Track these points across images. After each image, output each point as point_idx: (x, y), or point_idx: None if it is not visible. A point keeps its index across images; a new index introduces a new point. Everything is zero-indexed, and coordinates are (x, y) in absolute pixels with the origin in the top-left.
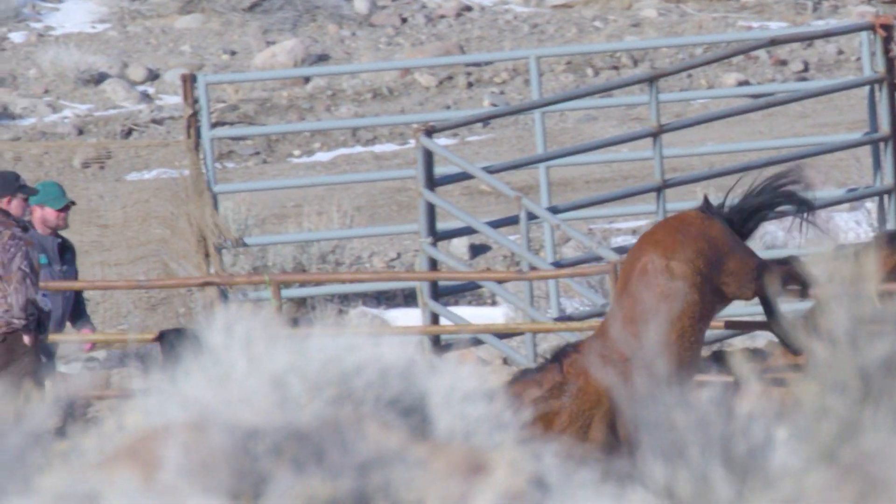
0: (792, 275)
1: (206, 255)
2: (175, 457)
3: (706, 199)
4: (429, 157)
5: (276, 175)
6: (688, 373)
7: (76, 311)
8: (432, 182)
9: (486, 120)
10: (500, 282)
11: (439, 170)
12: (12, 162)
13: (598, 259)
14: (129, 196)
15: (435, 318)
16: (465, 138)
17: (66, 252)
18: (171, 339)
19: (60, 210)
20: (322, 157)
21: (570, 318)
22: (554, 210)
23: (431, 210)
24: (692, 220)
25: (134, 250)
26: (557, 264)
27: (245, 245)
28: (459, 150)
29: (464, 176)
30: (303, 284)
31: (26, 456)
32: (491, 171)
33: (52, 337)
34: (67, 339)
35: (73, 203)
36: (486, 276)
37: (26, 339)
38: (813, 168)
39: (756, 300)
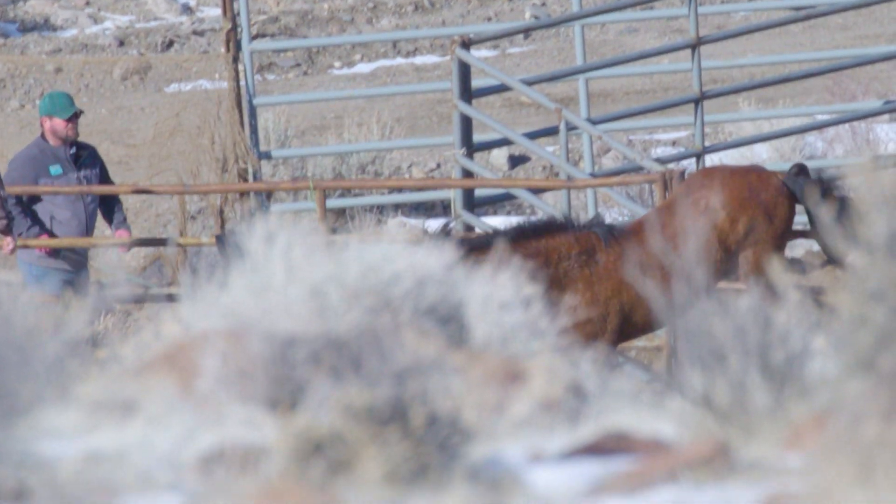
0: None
1: (224, 171)
2: (213, 365)
3: (799, 170)
4: (465, 69)
5: (316, 87)
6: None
7: (109, 214)
8: (469, 94)
9: (525, 32)
10: (538, 190)
11: (478, 82)
12: (53, 74)
13: (639, 170)
14: (167, 108)
15: (470, 229)
16: (505, 50)
17: (83, 158)
18: (229, 241)
19: (68, 120)
20: (362, 68)
21: None
22: (592, 122)
23: (466, 122)
24: (771, 189)
25: (155, 166)
26: (595, 175)
27: (281, 156)
28: (499, 63)
29: (502, 88)
30: (342, 195)
31: (64, 364)
32: (530, 82)
33: (92, 240)
34: (104, 243)
35: (81, 112)
36: (522, 183)
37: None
38: (853, 78)
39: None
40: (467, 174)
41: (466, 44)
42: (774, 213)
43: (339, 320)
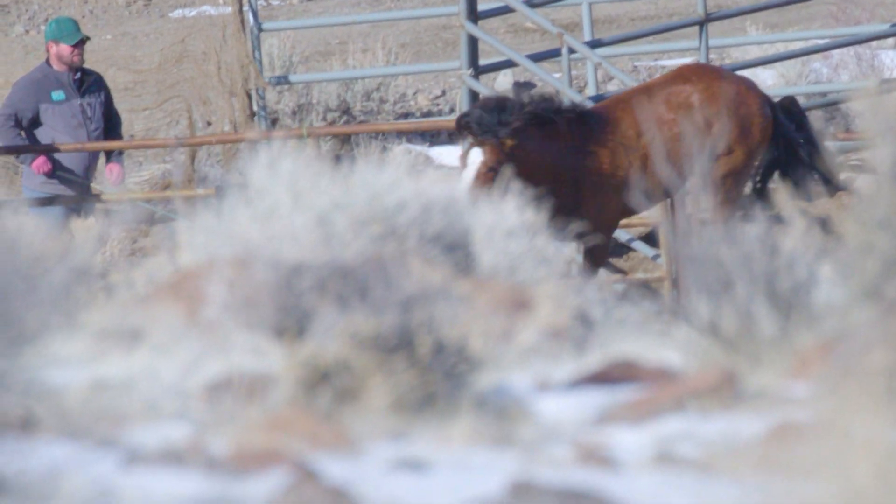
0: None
1: (232, 96)
2: (219, 293)
3: (790, 103)
4: None
5: (320, 13)
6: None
7: (110, 133)
8: (475, 15)
9: None
10: None
11: (484, 5)
12: (58, 0)
13: None
14: (172, 34)
15: None
16: None
17: (87, 84)
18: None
19: (74, 45)
20: None
21: None
22: (596, 44)
23: (473, 43)
24: (754, 105)
25: (164, 93)
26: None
27: (285, 83)
28: None
29: (506, 10)
30: (347, 121)
31: (70, 292)
32: (534, 5)
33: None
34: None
35: (87, 38)
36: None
37: None
38: (858, 4)
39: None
40: (474, 96)
41: None
42: (751, 129)
43: (345, 248)
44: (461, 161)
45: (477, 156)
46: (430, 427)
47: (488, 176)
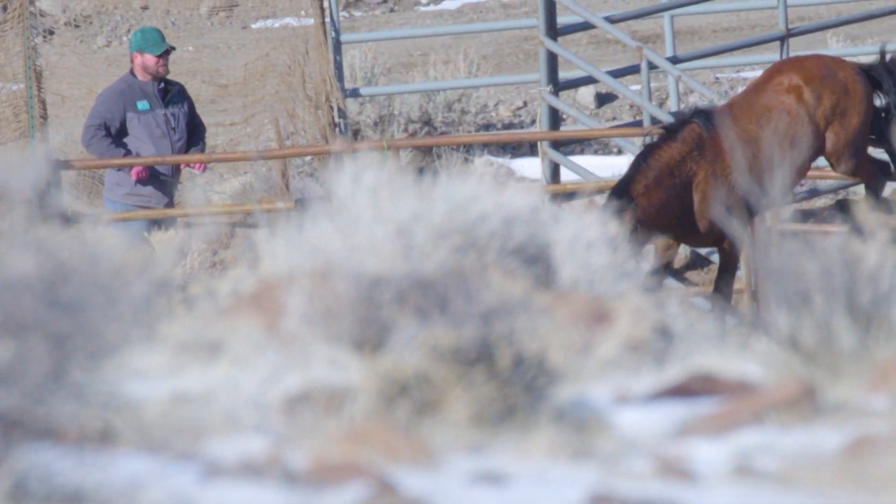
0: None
1: (317, 109)
2: (298, 305)
3: (883, 61)
4: (551, 5)
5: (402, 24)
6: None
7: (193, 142)
8: (555, 31)
9: None
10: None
11: (564, 19)
12: (140, 11)
13: None
14: (253, 46)
15: (556, 168)
16: None
17: (170, 95)
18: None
19: (159, 56)
20: (449, 5)
21: None
22: (675, 60)
23: (553, 59)
24: (847, 68)
25: (249, 108)
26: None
27: (366, 94)
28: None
29: (587, 25)
30: (429, 132)
31: (150, 305)
32: (615, 20)
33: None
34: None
35: (172, 49)
36: (605, 132)
37: None
38: None
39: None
40: (553, 111)
41: None
42: (854, 89)
43: (425, 260)
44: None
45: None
46: (509, 440)
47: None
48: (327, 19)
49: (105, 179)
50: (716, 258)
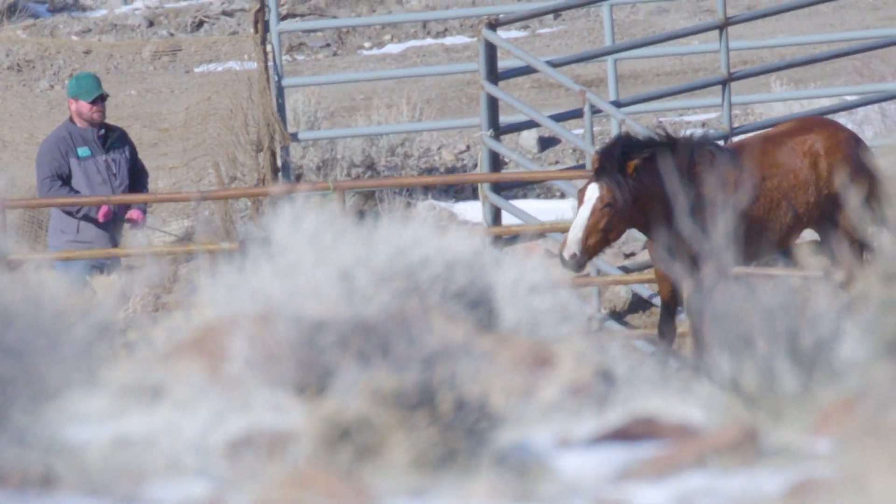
0: None
1: (259, 152)
2: (241, 349)
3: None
4: (491, 49)
5: (346, 68)
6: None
7: (136, 190)
8: (496, 75)
9: (555, 12)
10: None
11: (507, 63)
12: (82, 55)
13: None
14: (196, 90)
15: (497, 211)
16: (535, 31)
17: (111, 140)
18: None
19: (93, 103)
20: (392, 49)
21: None
22: (617, 104)
23: (494, 103)
24: (865, 151)
25: (190, 152)
26: None
27: (310, 139)
28: (529, 43)
29: (529, 69)
30: (371, 176)
31: (92, 348)
32: (558, 64)
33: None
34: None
35: (106, 95)
36: (548, 175)
37: None
38: (883, 59)
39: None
40: (494, 156)
41: (493, 24)
42: (869, 174)
43: (367, 304)
44: (578, 197)
45: (594, 192)
46: (451, 484)
47: (604, 212)
48: (270, 63)
49: (49, 225)
50: (657, 301)
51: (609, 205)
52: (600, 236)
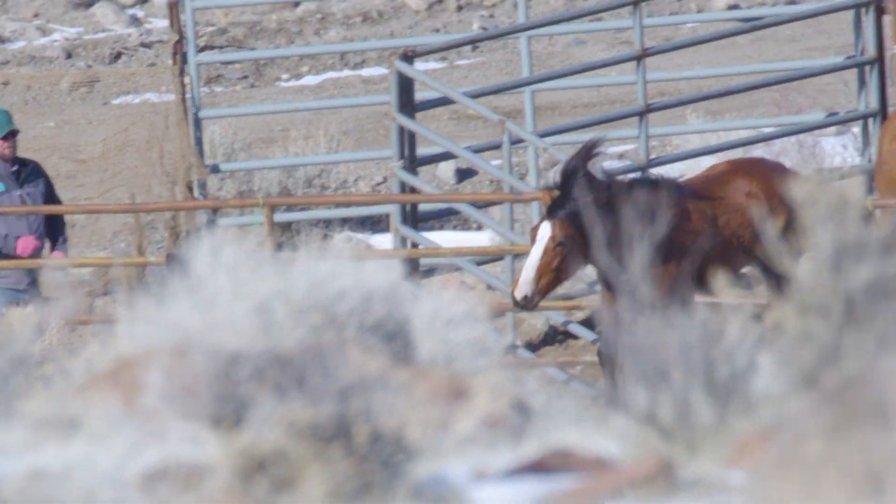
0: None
1: (174, 185)
2: (157, 382)
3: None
4: (408, 81)
5: (263, 99)
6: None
7: (52, 233)
8: (411, 107)
9: (472, 44)
10: (483, 204)
11: (424, 94)
12: (1, 87)
13: None
14: (114, 122)
15: (411, 244)
16: (453, 62)
17: (25, 175)
18: (179, 260)
19: (3, 138)
20: (310, 80)
21: None
22: (536, 135)
23: (411, 135)
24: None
25: (107, 183)
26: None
27: (226, 170)
28: (447, 74)
29: (447, 100)
30: (288, 209)
31: (8, 381)
32: (475, 95)
33: (31, 263)
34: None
35: (16, 130)
36: (468, 197)
37: None
38: (800, 91)
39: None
40: (405, 188)
41: (410, 56)
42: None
43: (284, 337)
44: (531, 236)
45: (546, 230)
46: None
47: (557, 251)
48: (188, 95)
49: None
50: (575, 328)
51: (561, 244)
52: (552, 276)
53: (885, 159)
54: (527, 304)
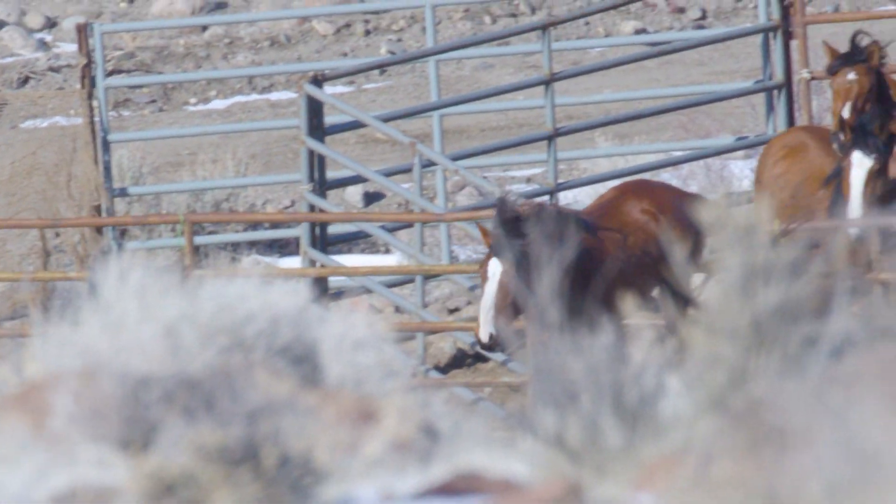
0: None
1: (81, 209)
2: (65, 405)
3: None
4: (316, 105)
5: (171, 123)
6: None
7: None
8: (321, 130)
9: (378, 68)
10: (392, 228)
11: (333, 118)
12: None
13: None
14: (22, 145)
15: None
16: (361, 86)
17: None
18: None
19: None
20: (218, 104)
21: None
22: (447, 157)
23: (320, 159)
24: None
25: (14, 206)
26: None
27: (134, 194)
28: (355, 99)
29: (356, 124)
30: (196, 232)
31: None
32: (384, 119)
33: None
34: None
35: None
36: (377, 216)
37: None
38: (708, 114)
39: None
40: (314, 211)
41: (318, 80)
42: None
43: (192, 360)
44: (481, 274)
45: (497, 266)
46: None
47: (514, 281)
48: (97, 118)
49: None
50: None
51: (516, 274)
52: (511, 310)
53: (766, 185)
54: (494, 344)
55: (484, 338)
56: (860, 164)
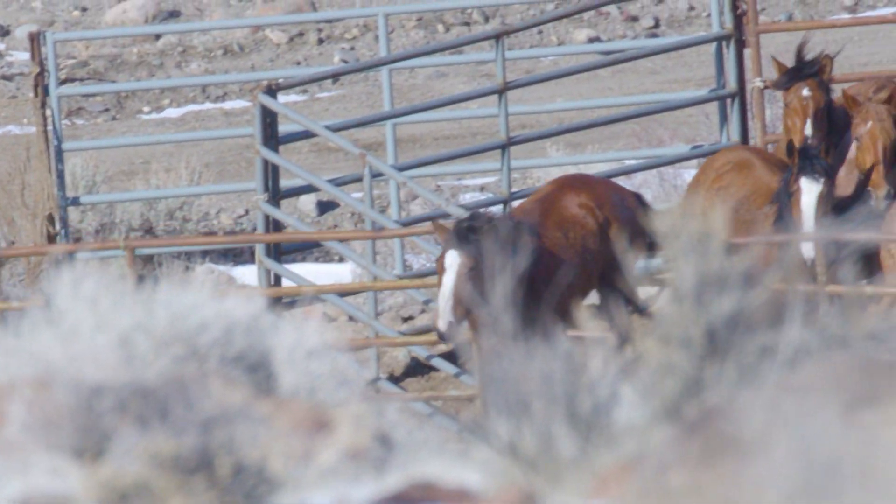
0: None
1: (35, 218)
2: (19, 413)
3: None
4: (270, 114)
5: (125, 132)
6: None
7: None
8: (275, 139)
9: (332, 77)
10: (343, 241)
11: (286, 127)
12: None
13: (447, 216)
14: None
15: (274, 276)
16: (314, 95)
17: None
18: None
19: None
20: (171, 113)
21: (415, 276)
22: (399, 168)
23: (274, 168)
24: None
25: None
26: (403, 222)
27: (87, 203)
28: (308, 108)
29: (309, 133)
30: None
31: None
32: (337, 128)
33: None
34: None
35: None
36: (331, 235)
37: None
38: (660, 123)
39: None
40: (269, 220)
41: (273, 89)
42: (634, 221)
43: (146, 368)
44: (438, 266)
45: (455, 258)
46: None
47: (471, 275)
48: (50, 127)
49: None
50: (437, 362)
51: (473, 268)
52: (468, 300)
53: (705, 197)
54: (451, 332)
55: (442, 326)
56: (809, 191)
